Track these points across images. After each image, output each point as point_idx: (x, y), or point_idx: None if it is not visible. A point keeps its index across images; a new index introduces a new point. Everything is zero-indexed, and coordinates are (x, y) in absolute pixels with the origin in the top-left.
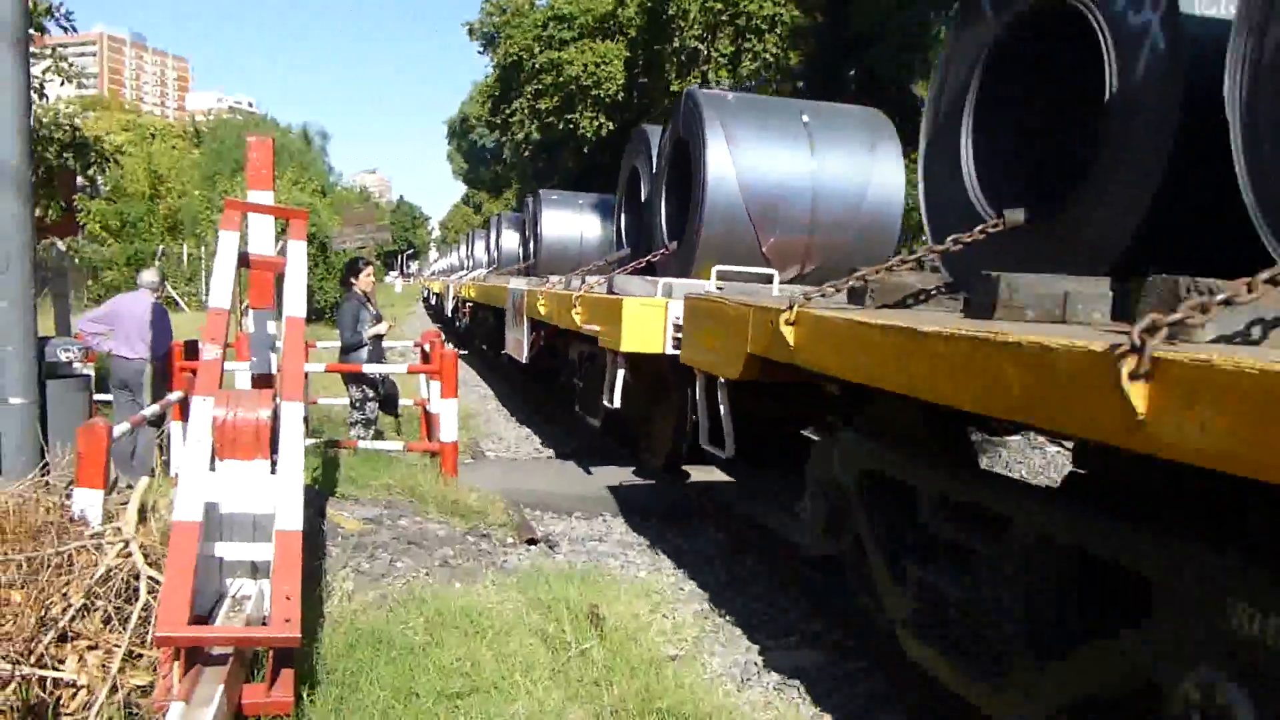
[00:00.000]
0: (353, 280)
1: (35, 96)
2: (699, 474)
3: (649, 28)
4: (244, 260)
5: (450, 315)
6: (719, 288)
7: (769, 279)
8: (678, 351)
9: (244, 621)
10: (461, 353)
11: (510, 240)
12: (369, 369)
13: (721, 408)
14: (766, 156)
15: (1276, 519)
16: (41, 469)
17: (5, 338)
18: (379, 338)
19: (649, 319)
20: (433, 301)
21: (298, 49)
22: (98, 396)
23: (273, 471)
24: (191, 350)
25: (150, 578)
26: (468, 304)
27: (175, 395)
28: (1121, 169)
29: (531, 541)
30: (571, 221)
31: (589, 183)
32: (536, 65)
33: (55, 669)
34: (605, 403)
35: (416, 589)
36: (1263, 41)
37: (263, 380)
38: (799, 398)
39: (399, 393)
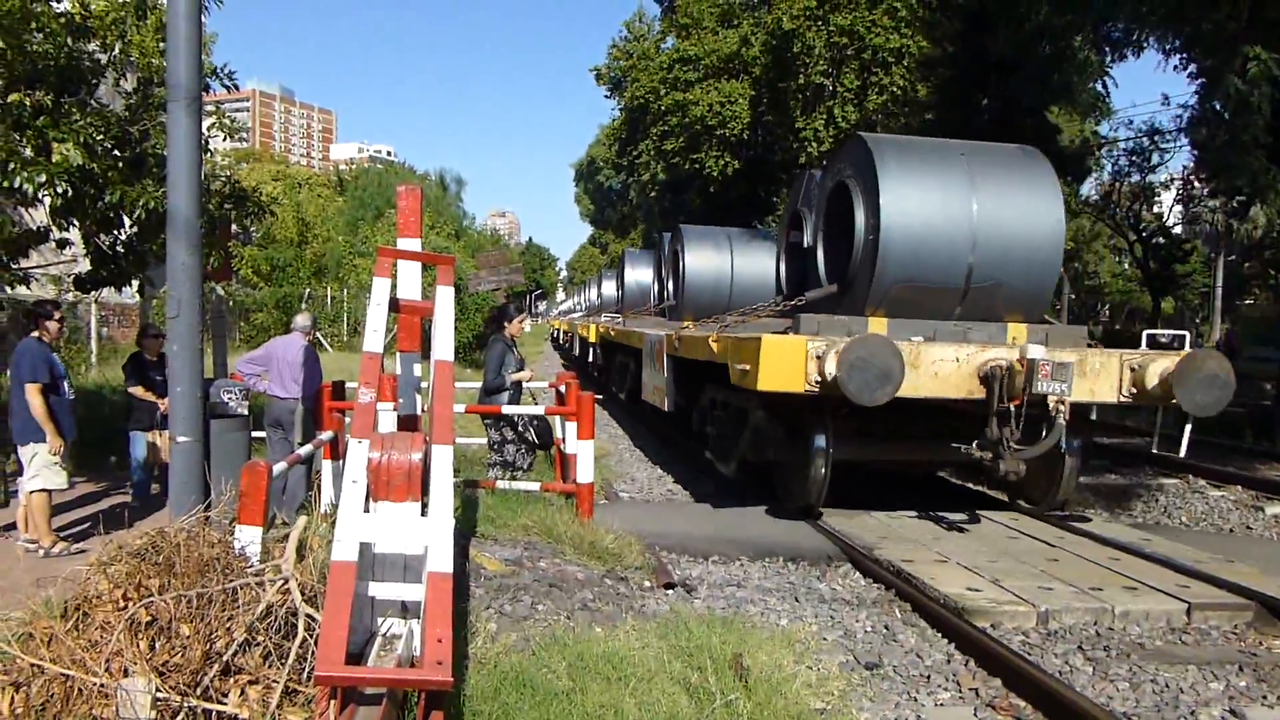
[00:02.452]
0: (505, 324)
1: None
2: (834, 518)
3: (773, 66)
4: (393, 305)
5: (561, 343)
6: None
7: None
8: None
9: (395, 661)
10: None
11: (609, 289)
12: (512, 410)
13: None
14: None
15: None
16: (205, 505)
17: (175, 379)
18: (519, 384)
19: (591, 327)
20: (557, 338)
21: (434, 98)
22: (253, 434)
23: (423, 513)
24: (339, 391)
25: (308, 615)
26: (566, 333)
27: (326, 435)
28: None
29: (669, 586)
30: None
31: (714, 222)
32: (662, 107)
33: (219, 702)
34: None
35: (558, 632)
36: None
37: (409, 422)
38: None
39: (551, 427)
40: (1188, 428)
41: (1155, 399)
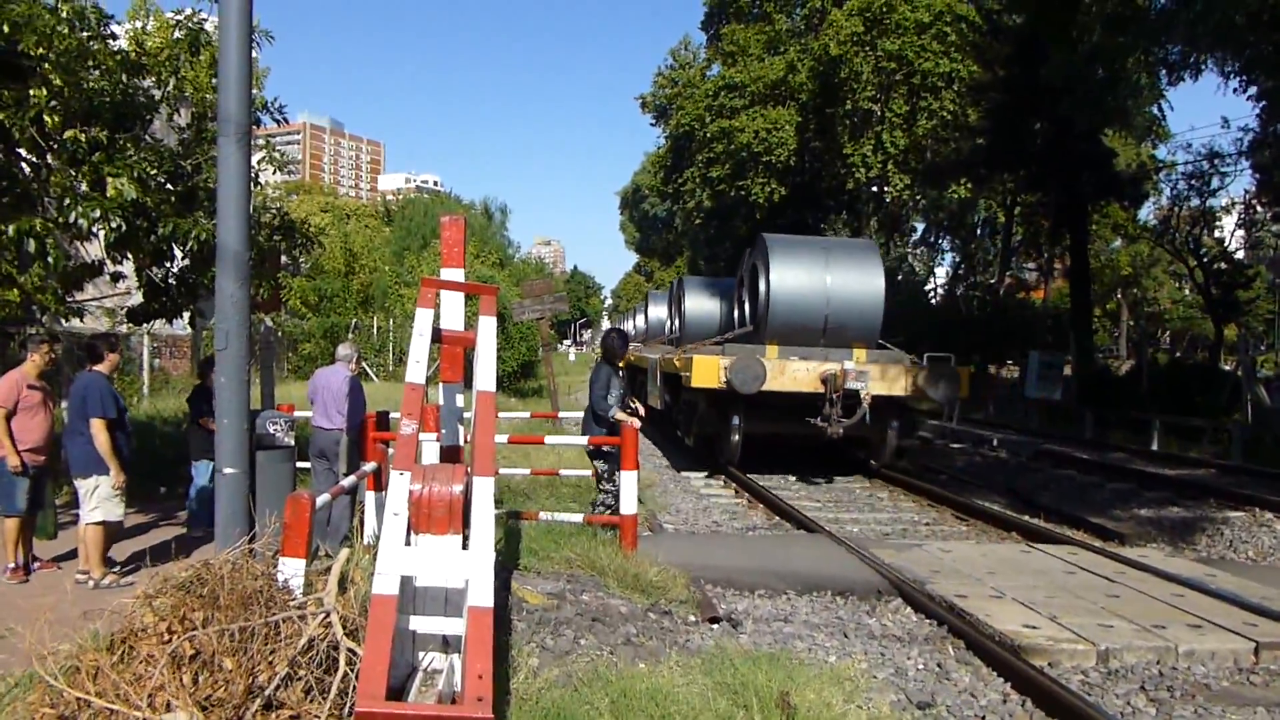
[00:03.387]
0: (618, 356)
1: (252, 185)
2: (884, 551)
3: (821, 92)
4: (436, 335)
5: None
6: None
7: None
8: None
9: (436, 697)
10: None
11: (640, 321)
12: (558, 440)
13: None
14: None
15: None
16: (249, 537)
17: (222, 411)
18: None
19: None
20: None
21: (480, 128)
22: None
23: (464, 546)
24: (383, 421)
25: (349, 649)
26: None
27: (369, 466)
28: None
29: (714, 620)
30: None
31: None
32: (708, 134)
33: None
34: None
35: (601, 668)
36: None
37: (451, 453)
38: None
39: None
40: (956, 410)
41: (923, 395)
